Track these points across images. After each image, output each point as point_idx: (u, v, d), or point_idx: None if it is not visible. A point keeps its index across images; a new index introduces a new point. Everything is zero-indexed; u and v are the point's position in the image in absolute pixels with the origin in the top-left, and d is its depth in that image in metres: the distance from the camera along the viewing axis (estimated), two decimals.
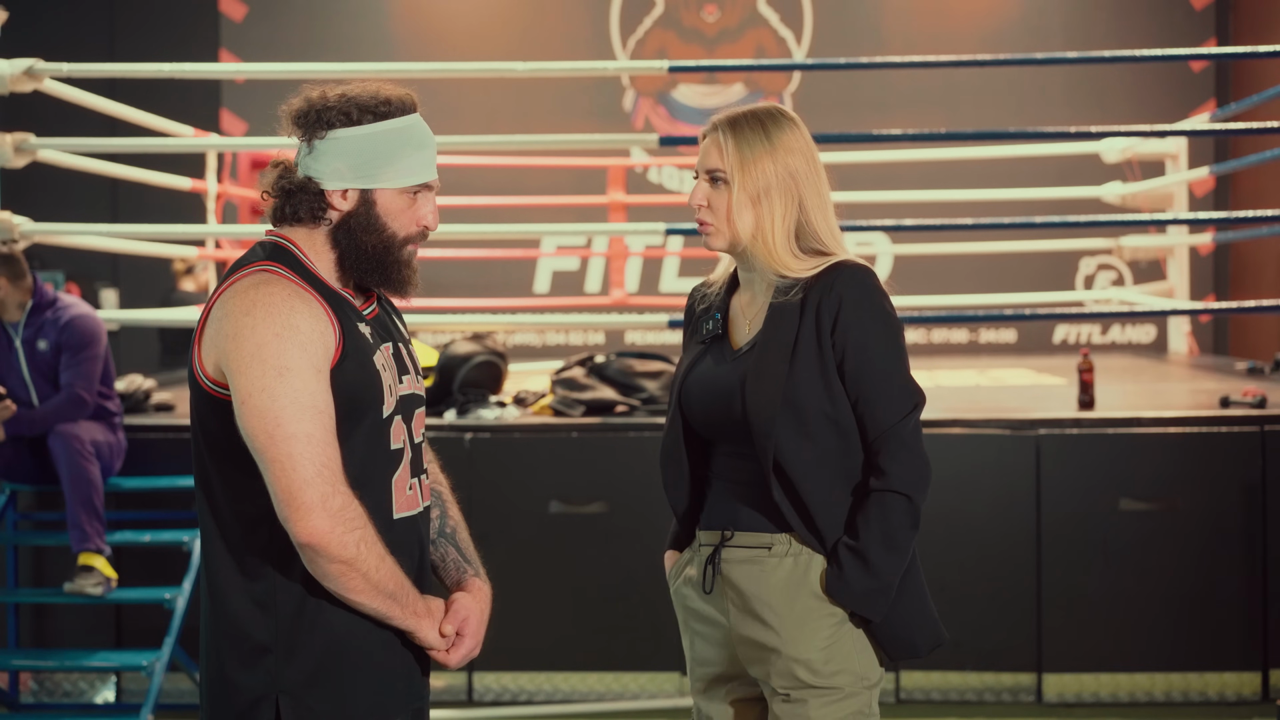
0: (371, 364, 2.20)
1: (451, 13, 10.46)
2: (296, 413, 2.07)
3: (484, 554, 2.43)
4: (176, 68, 6.01)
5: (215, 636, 2.20)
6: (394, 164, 2.21)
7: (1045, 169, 9.34)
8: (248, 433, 2.08)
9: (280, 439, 2.06)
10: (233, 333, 2.10)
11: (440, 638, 2.22)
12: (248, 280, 2.15)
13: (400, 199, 2.23)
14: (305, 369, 2.09)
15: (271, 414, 2.06)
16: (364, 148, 2.20)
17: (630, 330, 10.22)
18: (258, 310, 2.10)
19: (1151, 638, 5.07)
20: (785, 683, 2.43)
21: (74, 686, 5.32)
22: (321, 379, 2.11)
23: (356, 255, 2.22)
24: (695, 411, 2.52)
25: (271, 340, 2.08)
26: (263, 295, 2.12)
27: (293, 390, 2.07)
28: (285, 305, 2.11)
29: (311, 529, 2.06)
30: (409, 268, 2.26)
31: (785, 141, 2.47)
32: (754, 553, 2.46)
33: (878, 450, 2.42)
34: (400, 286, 2.26)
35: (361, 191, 2.21)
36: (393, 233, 2.23)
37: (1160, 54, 6.42)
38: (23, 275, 5.07)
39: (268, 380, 2.07)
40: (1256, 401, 5.42)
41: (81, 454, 4.87)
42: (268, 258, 2.19)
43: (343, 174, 2.21)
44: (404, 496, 2.25)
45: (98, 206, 9.84)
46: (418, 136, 2.24)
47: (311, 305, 2.14)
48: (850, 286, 2.42)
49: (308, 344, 2.10)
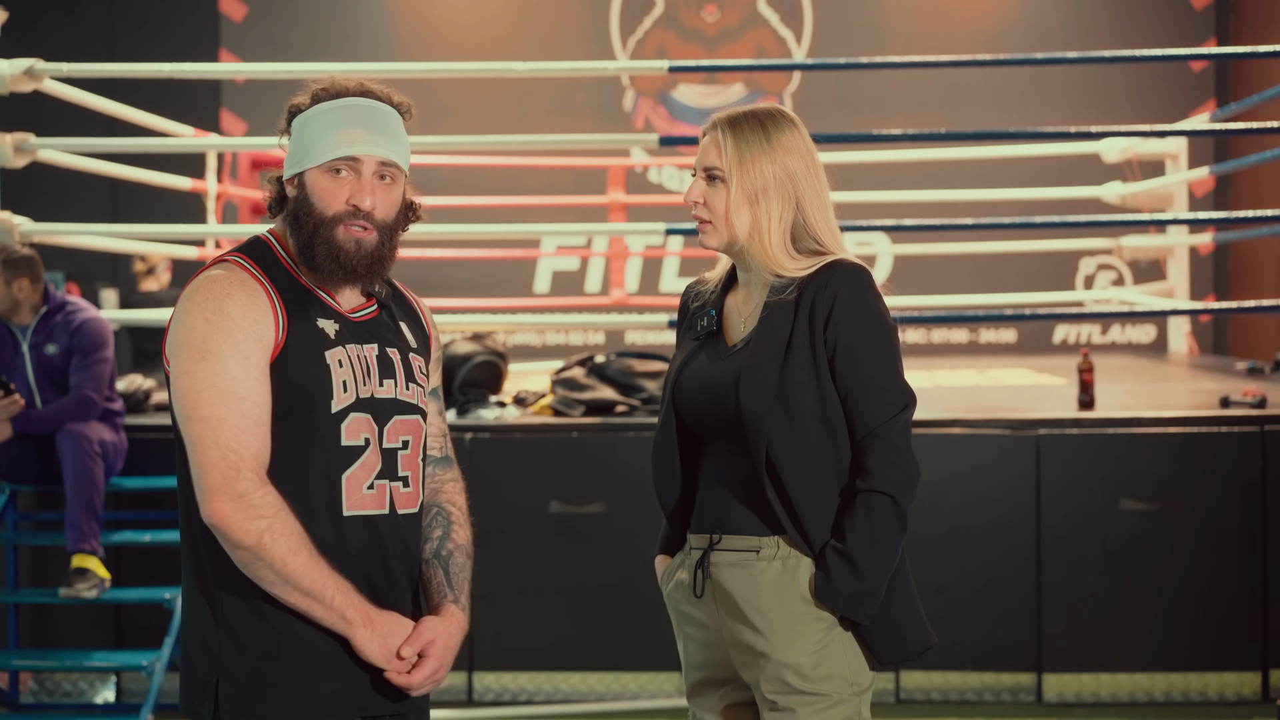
0: (321, 359, 2.21)
1: (451, 13, 10.46)
2: (211, 396, 2.12)
3: (484, 554, 2.41)
4: (176, 68, 6.01)
5: (183, 623, 2.27)
6: (319, 142, 2.24)
7: (1045, 169, 9.34)
8: (175, 414, 2.17)
9: (194, 421, 2.13)
10: (174, 319, 2.19)
11: (385, 652, 2.18)
12: (209, 271, 2.22)
13: (324, 178, 2.24)
14: (228, 354, 2.13)
15: (189, 397, 2.13)
16: (302, 133, 2.26)
17: (630, 330, 10.22)
18: (195, 297, 2.18)
19: (1151, 638, 5.07)
20: (774, 688, 2.42)
21: (74, 686, 5.32)
22: (248, 365, 2.15)
23: (300, 240, 2.25)
24: (688, 408, 2.52)
25: (200, 325, 2.15)
26: (204, 283, 2.19)
27: (210, 374, 2.13)
28: (221, 292, 2.17)
29: (212, 511, 2.11)
30: (343, 249, 2.22)
31: (784, 142, 2.48)
32: (742, 556, 2.46)
33: (865, 450, 2.42)
34: (335, 270, 2.23)
35: (299, 175, 2.26)
36: (319, 211, 2.23)
37: (1160, 54, 6.42)
38: (41, 277, 5.11)
39: (191, 364, 2.14)
40: (1256, 401, 5.42)
41: (89, 453, 4.89)
42: (240, 250, 2.27)
43: (290, 162, 2.27)
44: (360, 495, 2.23)
45: (98, 206, 9.83)
46: (349, 115, 2.24)
47: (252, 293, 2.18)
48: (844, 285, 2.42)
49: (234, 330, 2.15)
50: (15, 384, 5.04)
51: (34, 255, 5.13)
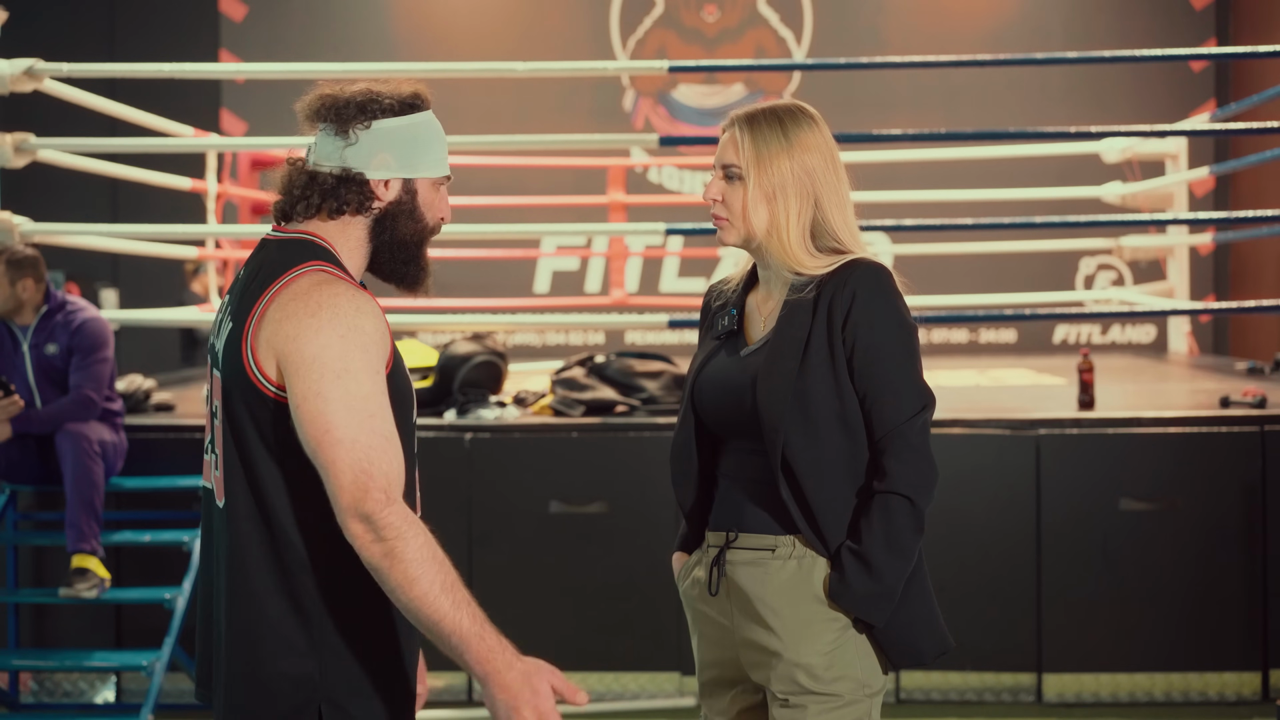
0: (405, 369, 2.23)
1: (451, 13, 10.46)
2: (345, 417, 2.04)
3: (484, 554, 2.43)
4: (176, 68, 6.01)
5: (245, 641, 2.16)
6: (430, 154, 2.24)
7: (1045, 169, 9.33)
8: (303, 436, 2.06)
9: (327, 445, 2.03)
10: (294, 334, 2.08)
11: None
12: (307, 281, 2.12)
13: (433, 190, 2.26)
14: (362, 371, 2.07)
15: (322, 419, 2.04)
16: (406, 138, 2.22)
17: (630, 330, 10.21)
18: (324, 312, 2.08)
19: (1151, 638, 5.07)
20: (785, 687, 2.41)
21: (74, 686, 5.32)
22: (378, 379, 2.10)
23: (394, 247, 2.23)
24: (707, 407, 2.52)
25: (335, 342, 2.07)
26: (328, 297, 2.10)
27: (345, 393, 2.05)
28: (352, 306, 2.10)
29: (349, 533, 2.03)
30: (429, 262, 2.30)
31: (803, 140, 2.47)
32: (758, 555, 2.45)
33: (883, 450, 2.41)
34: (424, 279, 2.29)
35: (404, 181, 2.23)
36: (427, 223, 2.26)
37: (1160, 54, 6.42)
38: (44, 277, 5.11)
39: (324, 384, 2.05)
40: (1256, 401, 5.42)
41: (88, 453, 4.89)
42: (313, 257, 2.17)
43: (389, 164, 2.21)
44: (416, 498, 2.26)
45: (98, 206, 9.83)
46: (440, 129, 2.28)
47: (374, 306, 2.14)
48: (864, 284, 2.41)
49: (370, 345, 2.09)
50: (15, 384, 5.04)
51: (37, 255, 5.14)
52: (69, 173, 6.29)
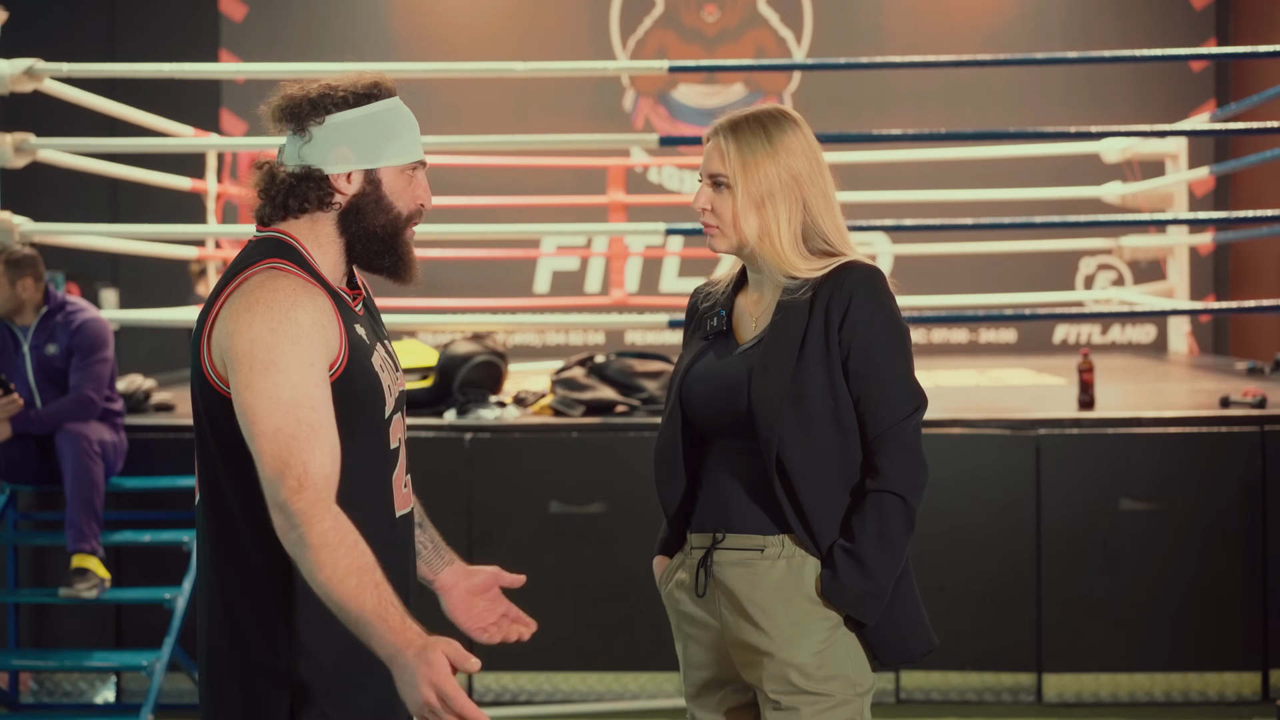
0: (370, 366, 2.19)
1: (451, 13, 10.45)
2: (270, 408, 2.03)
3: (484, 554, 2.43)
4: (176, 68, 6.01)
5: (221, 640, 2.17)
6: (392, 142, 2.22)
7: (1045, 169, 9.33)
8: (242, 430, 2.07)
9: (254, 436, 2.03)
10: (232, 329, 2.08)
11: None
12: (256, 278, 2.12)
13: (400, 177, 2.23)
14: (292, 363, 2.06)
15: (250, 413, 2.04)
16: (363, 128, 2.21)
17: (630, 330, 10.21)
18: (259, 307, 2.08)
19: (1151, 638, 5.07)
20: (777, 687, 2.42)
21: (74, 686, 5.32)
22: (310, 371, 2.07)
23: (366, 238, 2.22)
24: (697, 406, 2.52)
25: (265, 335, 2.06)
26: (266, 292, 2.10)
27: (272, 385, 2.04)
28: (289, 300, 2.09)
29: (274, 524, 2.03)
30: (412, 250, 2.26)
31: (787, 143, 2.48)
32: (746, 555, 2.46)
33: (876, 450, 2.42)
34: (407, 269, 2.26)
35: (366, 172, 2.21)
36: (399, 211, 2.23)
37: (1160, 54, 6.43)
38: (43, 277, 5.11)
39: (253, 377, 2.05)
40: (1256, 401, 5.42)
41: (88, 453, 4.89)
42: (272, 254, 2.17)
43: (347, 157, 2.20)
44: (401, 494, 2.25)
45: (98, 206, 9.83)
46: (407, 116, 2.26)
47: (317, 299, 2.12)
48: (860, 286, 2.43)
49: (303, 338, 2.08)
50: (15, 384, 5.04)
51: (36, 255, 5.14)
52: (69, 173, 6.29)
